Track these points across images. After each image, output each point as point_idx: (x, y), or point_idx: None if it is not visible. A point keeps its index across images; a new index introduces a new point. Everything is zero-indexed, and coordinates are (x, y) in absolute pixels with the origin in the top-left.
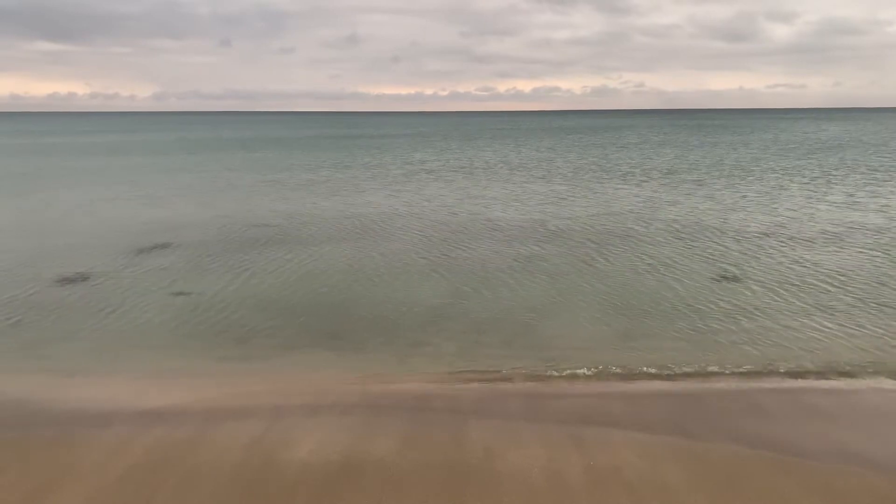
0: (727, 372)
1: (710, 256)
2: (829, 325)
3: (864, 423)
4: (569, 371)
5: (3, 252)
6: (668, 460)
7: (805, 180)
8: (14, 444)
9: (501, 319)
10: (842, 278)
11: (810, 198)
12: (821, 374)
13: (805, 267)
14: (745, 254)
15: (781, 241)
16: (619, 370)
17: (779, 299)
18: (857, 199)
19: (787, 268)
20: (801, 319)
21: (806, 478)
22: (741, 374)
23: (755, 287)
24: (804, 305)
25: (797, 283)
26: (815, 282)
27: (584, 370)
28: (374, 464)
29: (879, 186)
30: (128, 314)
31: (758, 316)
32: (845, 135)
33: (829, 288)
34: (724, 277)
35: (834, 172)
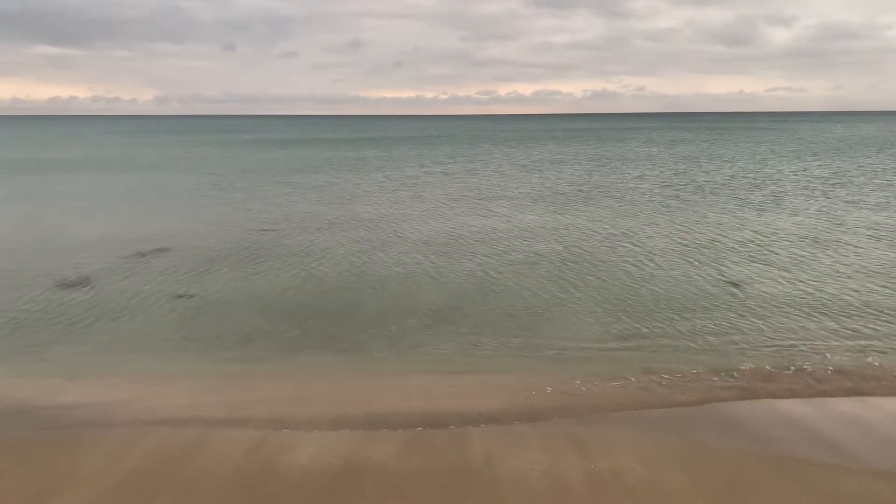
0: (729, 375)
1: (717, 260)
2: (838, 328)
3: (866, 426)
4: (570, 374)
5: (4, 255)
6: (669, 465)
7: (818, 182)
8: (15, 448)
9: (503, 322)
10: (852, 282)
11: (826, 200)
12: (824, 377)
13: (816, 270)
14: (754, 257)
15: (793, 245)
16: (620, 374)
17: (787, 302)
18: (874, 201)
19: (799, 271)
20: (808, 323)
21: (807, 481)
22: (743, 377)
23: (762, 291)
24: (813, 308)
25: (808, 285)
26: (827, 285)
27: (586, 374)
28: (374, 468)
29: None
30: (129, 317)
31: (762, 320)
32: (849, 136)
33: (838, 291)
34: (731, 282)
35: (847, 174)
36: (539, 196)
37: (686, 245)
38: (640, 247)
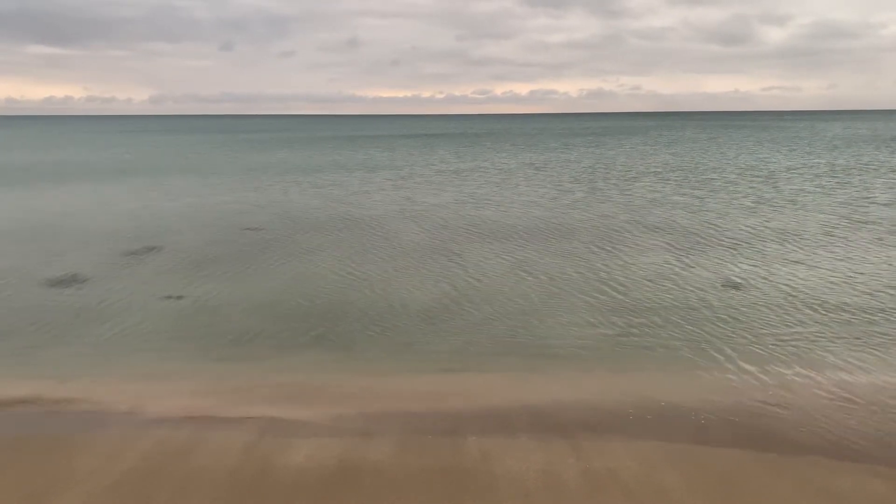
0: (725, 375)
1: (713, 262)
2: (832, 329)
3: (863, 425)
4: (565, 372)
5: None
6: (666, 464)
7: (827, 179)
8: (9, 449)
9: (496, 321)
10: (848, 283)
11: (840, 196)
12: (819, 376)
13: (810, 271)
14: (750, 260)
15: (809, 242)
16: (616, 372)
17: (781, 304)
18: (887, 197)
19: (795, 272)
20: (806, 322)
21: (804, 480)
22: (739, 377)
23: (757, 293)
24: (809, 310)
25: (803, 287)
26: (822, 286)
27: (581, 372)
28: (370, 468)
29: None
30: (122, 317)
31: (757, 320)
32: (850, 134)
33: (836, 294)
34: (731, 282)
35: (854, 170)
36: (540, 193)
37: (692, 243)
38: (642, 245)
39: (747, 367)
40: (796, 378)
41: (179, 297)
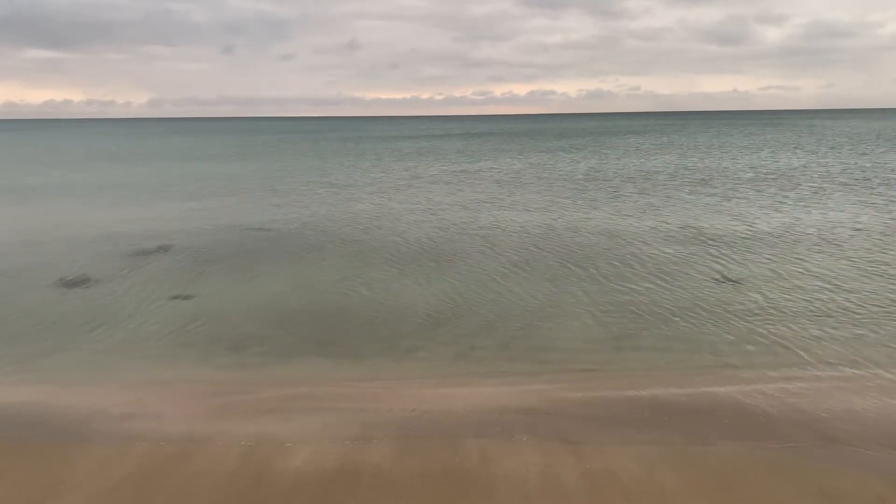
0: (724, 375)
1: (712, 261)
2: (832, 329)
3: (862, 426)
4: (565, 375)
5: None
6: (665, 464)
7: (843, 177)
8: (7, 454)
9: (497, 324)
10: (849, 282)
11: (862, 195)
12: (819, 378)
13: (812, 269)
14: (752, 259)
15: (792, 244)
16: (615, 374)
17: (782, 303)
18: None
19: (797, 271)
20: (803, 323)
21: (803, 480)
22: (738, 377)
23: (758, 292)
24: (809, 309)
25: (804, 285)
26: (823, 285)
27: (581, 374)
28: (370, 471)
29: None
30: (122, 323)
31: (757, 320)
32: (856, 133)
33: (836, 292)
34: (727, 281)
35: (867, 169)
36: (548, 194)
37: (706, 242)
38: (642, 246)
39: (749, 368)
40: (798, 378)
41: (181, 301)
